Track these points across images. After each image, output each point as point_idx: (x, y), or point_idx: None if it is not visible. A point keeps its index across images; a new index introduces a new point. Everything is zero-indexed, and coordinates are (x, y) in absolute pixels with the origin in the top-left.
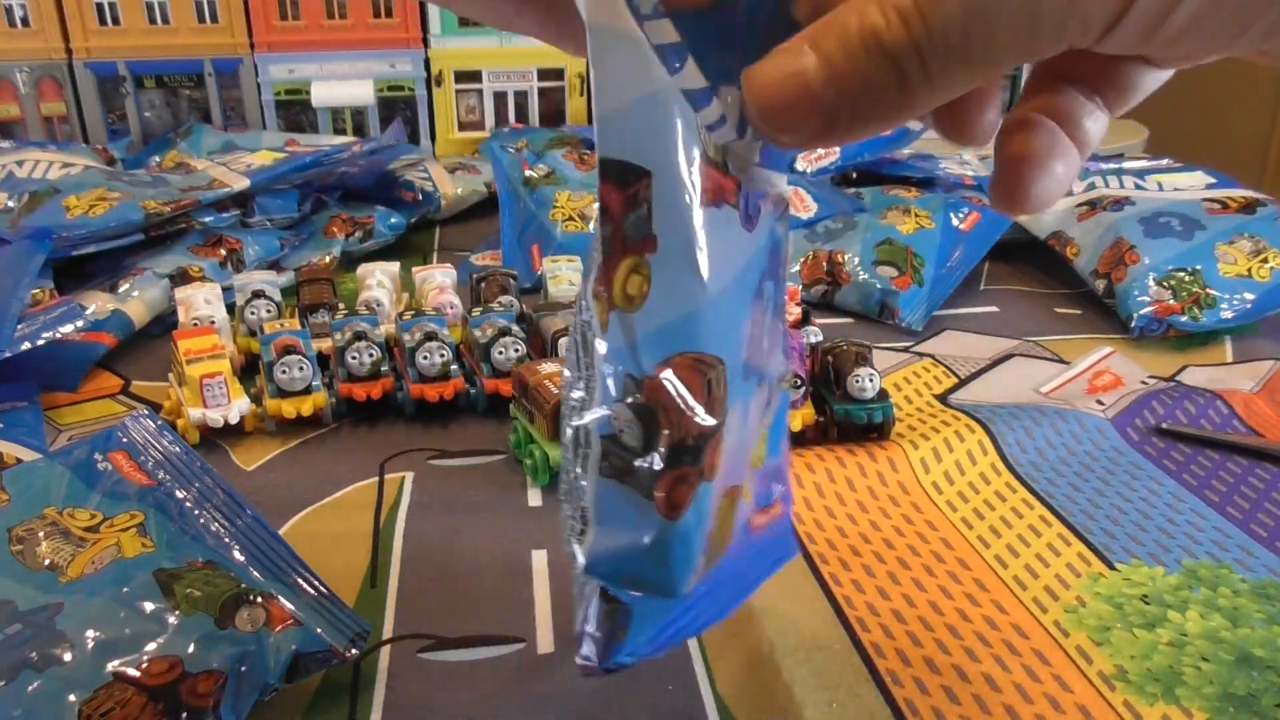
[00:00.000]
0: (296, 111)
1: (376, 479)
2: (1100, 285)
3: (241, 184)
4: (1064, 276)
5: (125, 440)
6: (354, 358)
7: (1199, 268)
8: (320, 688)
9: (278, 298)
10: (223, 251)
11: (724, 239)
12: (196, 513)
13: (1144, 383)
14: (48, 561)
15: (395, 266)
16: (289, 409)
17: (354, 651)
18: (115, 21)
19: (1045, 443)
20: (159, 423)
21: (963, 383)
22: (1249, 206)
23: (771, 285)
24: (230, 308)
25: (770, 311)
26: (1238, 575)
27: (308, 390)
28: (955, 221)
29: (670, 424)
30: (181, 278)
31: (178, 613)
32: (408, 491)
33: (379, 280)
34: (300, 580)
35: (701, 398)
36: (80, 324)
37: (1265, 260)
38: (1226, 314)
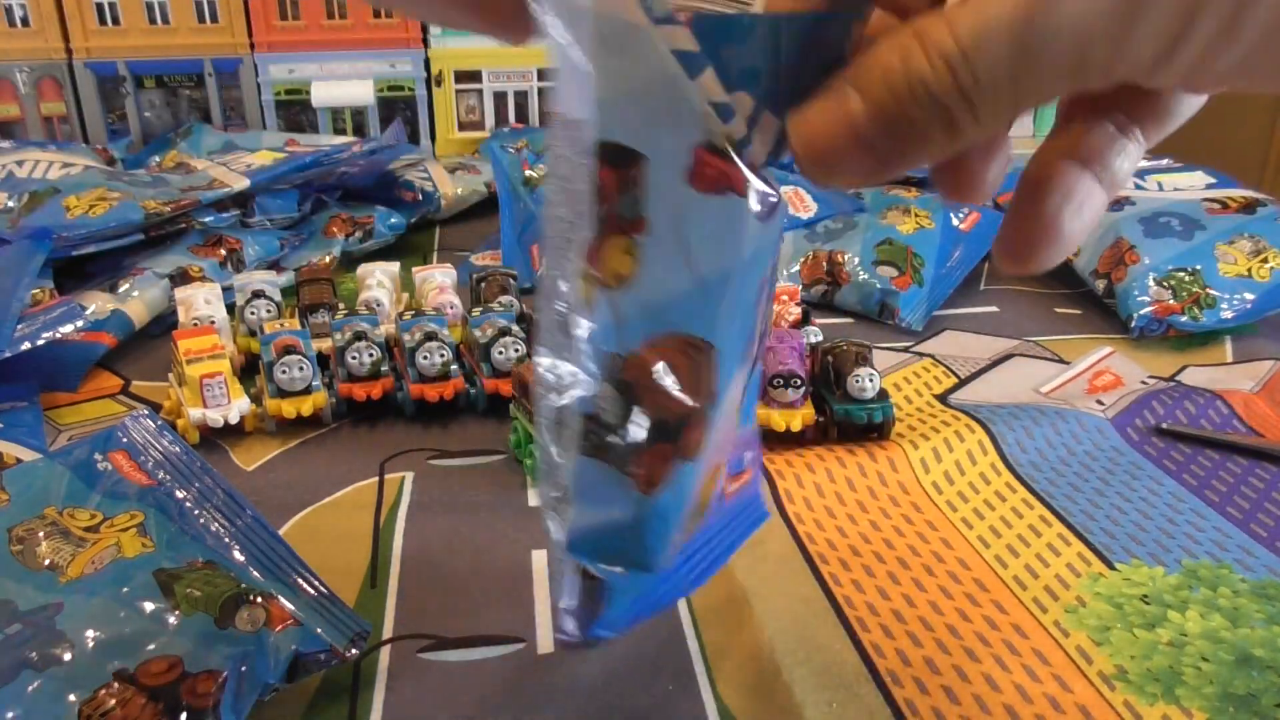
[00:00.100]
0: (296, 111)
1: (376, 479)
2: (1100, 285)
3: (241, 184)
4: (1064, 276)
5: (125, 440)
6: (354, 358)
7: (1199, 268)
8: (320, 688)
9: (278, 298)
10: (223, 251)
11: (725, 227)
12: (196, 513)
13: (1144, 383)
14: (48, 561)
15: (395, 266)
16: (289, 409)
17: (354, 651)
18: (115, 21)
19: (1045, 443)
20: (159, 423)
21: (963, 383)
22: (1249, 206)
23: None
24: (230, 308)
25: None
26: (1238, 575)
27: (308, 390)
28: (955, 221)
29: (651, 402)
30: (181, 278)
31: (178, 613)
32: (408, 491)
33: (379, 280)
34: (300, 580)
35: (685, 379)
36: (80, 324)
37: (1265, 260)
38: (1226, 314)
